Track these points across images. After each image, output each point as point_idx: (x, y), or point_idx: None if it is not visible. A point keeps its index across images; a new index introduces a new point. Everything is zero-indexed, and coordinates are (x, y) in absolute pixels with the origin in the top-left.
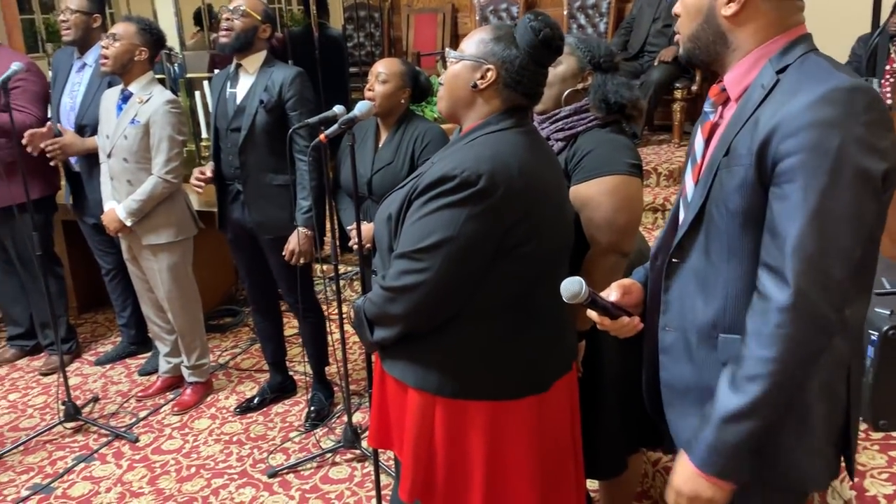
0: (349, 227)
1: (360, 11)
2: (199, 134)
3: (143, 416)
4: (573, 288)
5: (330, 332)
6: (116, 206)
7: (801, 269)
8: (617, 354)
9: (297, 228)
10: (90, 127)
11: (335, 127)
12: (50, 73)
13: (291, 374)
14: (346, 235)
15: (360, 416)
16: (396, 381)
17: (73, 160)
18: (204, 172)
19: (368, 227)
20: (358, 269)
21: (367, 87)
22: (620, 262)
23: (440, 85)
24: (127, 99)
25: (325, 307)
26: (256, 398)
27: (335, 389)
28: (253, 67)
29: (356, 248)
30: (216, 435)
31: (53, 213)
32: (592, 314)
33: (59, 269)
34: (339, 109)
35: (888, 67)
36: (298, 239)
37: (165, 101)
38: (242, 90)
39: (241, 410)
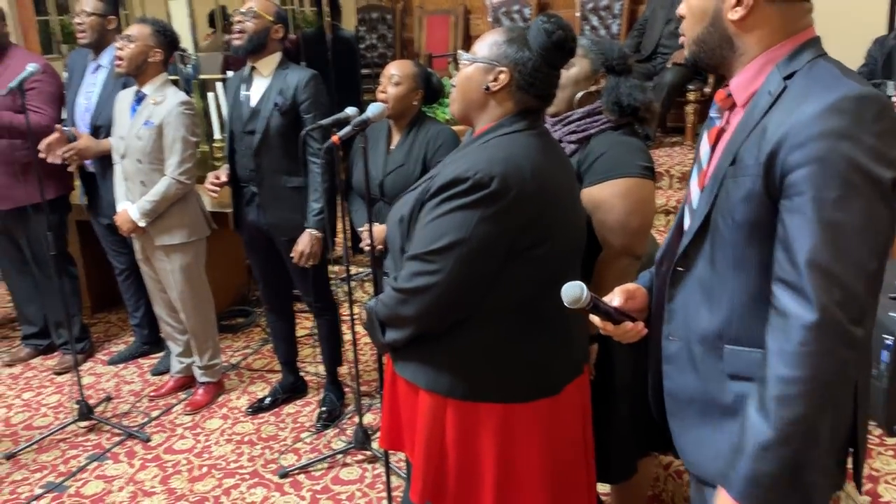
0: (360, 228)
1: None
2: (211, 135)
3: (155, 415)
4: (574, 293)
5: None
6: (130, 206)
7: (820, 284)
8: (629, 357)
9: (306, 230)
10: (105, 128)
11: (348, 129)
12: (65, 74)
13: (302, 374)
14: (357, 237)
15: (370, 417)
16: (408, 382)
17: (87, 161)
18: (219, 177)
19: (381, 228)
20: (369, 270)
21: (379, 88)
22: (633, 264)
23: (452, 87)
24: (141, 100)
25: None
26: (268, 398)
27: (346, 390)
28: (267, 70)
29: (367, 249)
30: (228, 435)
31: (68, 213)
32: (595, 319)
33: (73, 268)
34: (351, 111)
35: None
36: (308, 240)
37: (179, 102)
38: (257, 93)
39: (252, 411)
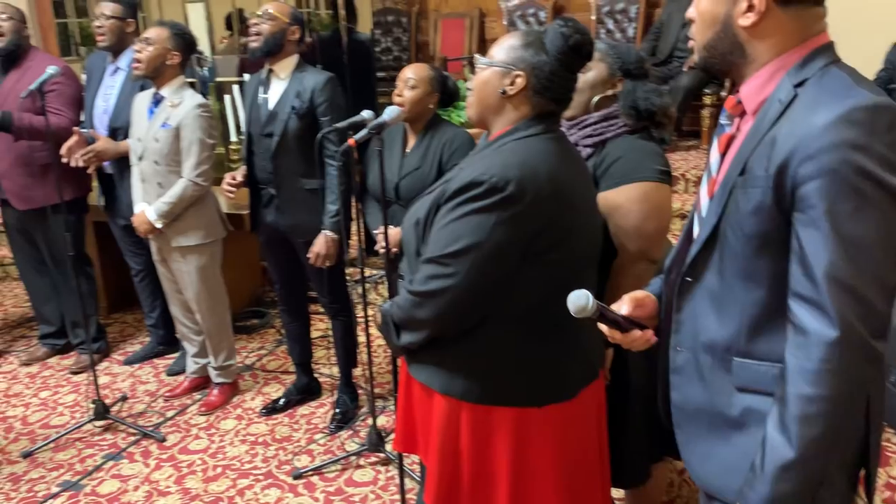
0: (375, 230)
1: (388, 16)
2: (228, 137)
3: (170, 415)
4: (580, 301)
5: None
6: (147, 208)
7: (841, 299)
8: (643, 362)
9: (322, 232)
10: (123, 130)
11: (364, 132)
12: (83, 76)
13: (316, 376)
14: (371, 239)
15: (384, 419)
16: (422, 385)
17: (105, 163)
18: (235, 178)
19: (396, 231)
20: (383, 272)
21: (395, 92)
22: (649, 269)
23: (469, 91)
24: (158, 102)
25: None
26: (282, 400)
27: (360, 392)
28: (285, 72)
29: (382, 251)
30: (242, 436)
31: (85, 214)
32: (602, 327)
33: (90, 269)
34: (367, 114)
35: None
36: (324, 242)
37: (196, 104)
38: (275, 96)
39: (266, 412)
